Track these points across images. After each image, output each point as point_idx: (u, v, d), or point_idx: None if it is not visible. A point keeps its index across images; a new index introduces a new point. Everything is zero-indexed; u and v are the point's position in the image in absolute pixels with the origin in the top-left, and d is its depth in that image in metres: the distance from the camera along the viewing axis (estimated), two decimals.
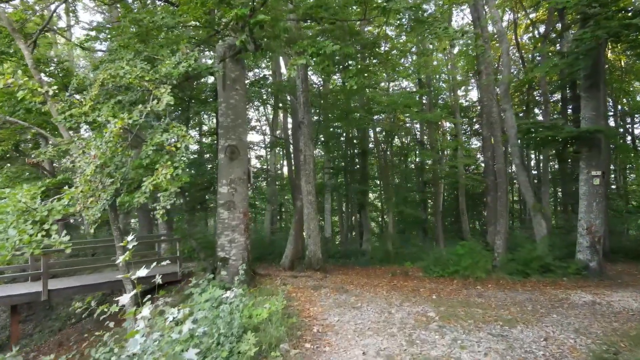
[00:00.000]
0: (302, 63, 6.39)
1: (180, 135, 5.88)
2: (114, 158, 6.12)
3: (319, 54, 6.43)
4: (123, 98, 6.52)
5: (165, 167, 5.79)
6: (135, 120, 5.85)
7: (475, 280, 10.82)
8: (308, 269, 12.42)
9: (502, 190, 14.13)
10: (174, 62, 6.60)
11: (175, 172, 5.71)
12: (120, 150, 6.00)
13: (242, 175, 9.77)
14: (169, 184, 5.73)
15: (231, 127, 9.62)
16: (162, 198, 5.75)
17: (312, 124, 12.75)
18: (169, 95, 6.17)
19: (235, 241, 9.71)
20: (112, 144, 5.73)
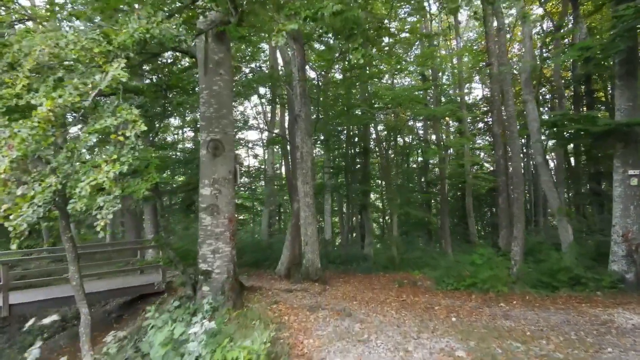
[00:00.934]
0: (292, 28, 4.87)
1: (130, 121, 4.34)
2: (44, 150, 4.56)
3: (315, 18, 4.92)
4: (64, 75, 4.97)
5: (110, 162, 4.25)
6: (71, 100, 4.32)
7: (496, 295, 9.28)
8: (305, 279, 10.88)
9: (519, 191, 12.58)
10: (131, 29, 5.06)
11: (120, 170, 4.17)
12: (51, 141, 4.45)
13: (227, 174, 8.24)
14: (112, 185, 4.19)
15: (214, 118, 8.08)
16: (105, 204, 4.21)
17: (310, 118, 11.21)
18: (122, 70, 4.64)
19: (219, 251, 8.18)
20: (38, 131, 4.19)
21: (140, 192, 6.39)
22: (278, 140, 18.98)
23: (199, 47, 8.05)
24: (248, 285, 10.83)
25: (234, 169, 8.37)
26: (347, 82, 11.48)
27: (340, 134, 20.85)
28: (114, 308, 12.23)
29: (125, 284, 11.25)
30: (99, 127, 4.26)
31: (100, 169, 4.16)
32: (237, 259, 17.71)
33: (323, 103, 19.02)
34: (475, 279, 9.72)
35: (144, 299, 11.26)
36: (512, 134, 12.64)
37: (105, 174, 4.08)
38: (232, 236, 8.34)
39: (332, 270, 16.54)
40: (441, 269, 11.28)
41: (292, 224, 13.67)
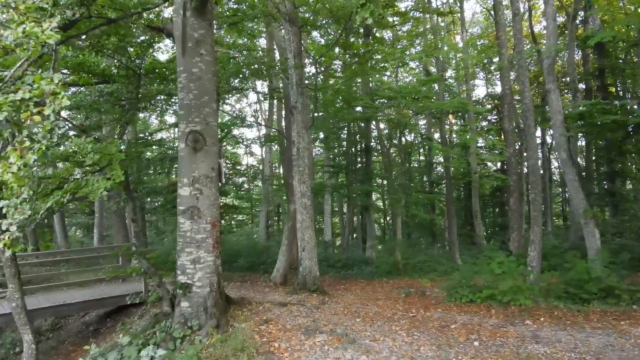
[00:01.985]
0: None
1: (47, 93, 3.08)
2: None
3: None
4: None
5: (21, 150, 2.98)
6: None
7: (519, 309, 8.01)
8: (302, 289, 9.62)
9: (536, 191, 11.32)
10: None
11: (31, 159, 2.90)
12: None
13: (209, 172, 6.98)
14: (19, 182, 2.93)
15: (194, 106, 6.82)
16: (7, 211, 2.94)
17: (307, 109, 9.96)
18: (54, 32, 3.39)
19: (200, 261, 6.92)
20: None
21: (97, 192, 5.14)
22: (275, 137, 17.73)
23: (176, 23, 6.80)
24: (238, 296, 9.57)
25: (217, 166, 7.11)
26: (349, 71, 10.26)
27: (340, 131, 19.61)
28: (93, 319, 10.97)
29: (103, 294, 9.99)
30: (6, 101, 2.99)
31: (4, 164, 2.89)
32: (231, 263, 16.54)
33: (323, 100, 17.79)
34: (493, 290, 8.44)
35: (127, 309, 10.02)
36: (528, 128, 11.37)
37: (7, 167, 2.82)
38: (216, 243, 7.09)
39: (332, 275, 15.28)
40: (450, 275, 10.01)
41: (288, 226, 12.43)
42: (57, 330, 11.52)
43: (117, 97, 7.27)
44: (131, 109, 7.05)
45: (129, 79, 7.22)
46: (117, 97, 7.29)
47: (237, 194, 28.67)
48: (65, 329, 11.42)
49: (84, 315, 11.38)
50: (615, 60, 17.83)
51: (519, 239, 15.16)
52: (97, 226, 17.18)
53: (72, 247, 17.55)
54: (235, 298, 8.78)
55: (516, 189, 15.21)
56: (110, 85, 7.23)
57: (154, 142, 15.31)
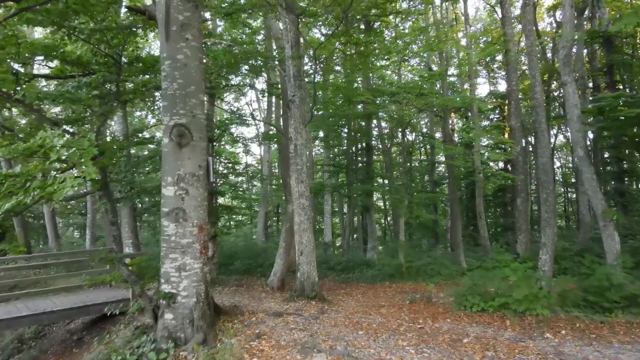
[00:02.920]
0: None
1: None
2: None
3: None
4: None
5: None
6: None
7: (535, 319, 7.26)
8: (300, 296, 8.87)
9: (548, 191, 10.57)
10: None
11: None
12: None
13: (196, 169, 6.23)
14: None
15: (179, 96, 6.08)
16: None
17: (305, 103, 9.21)
18: None
19: (186, 268, 6.17)
20: None
21: (61, 192, 4.41)
22: (273, 136, 16.99)
23: (159, 4, 6.06)
24: (231, 303, 8.83)
25: (205, 163, 6.37)
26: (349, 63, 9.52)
27: (340, 129, 18.87)
28: (78, 327, 10.22)
29: (88, 301, 9.25)
30: None
31: None
32: (228, 265, 15.78)
33: (323, 98, 17.06)
34: (506, 299, 7.69)
35: (114, 316, 9.26)
36: (539, 124, 10.62)
37: None
38: (204, 249, 6.34)
39: (331, 279, 14.54)
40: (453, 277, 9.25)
41: (286, 228, 11.67)
42: (41, 338, 10.78)
43: (94, 87, 6.53)
44: (112, 101, 6.32)
45: (109, 68, 6.48)
46: (95, 87, 6.54)
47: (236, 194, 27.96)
48: (49, 337, 10.68)
49: (69, 322, 10.64)
50: (622, 55, 17.11)
51: (526, 241, 14.41)
52: (89, 227, 16.46)
53: (63, 248, 16.79)
54: (227, 306, 8.04)
55: (523, 188, 14.49)
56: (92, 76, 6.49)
57: (147, 140, 14.54)
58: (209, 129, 14.17)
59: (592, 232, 15.07)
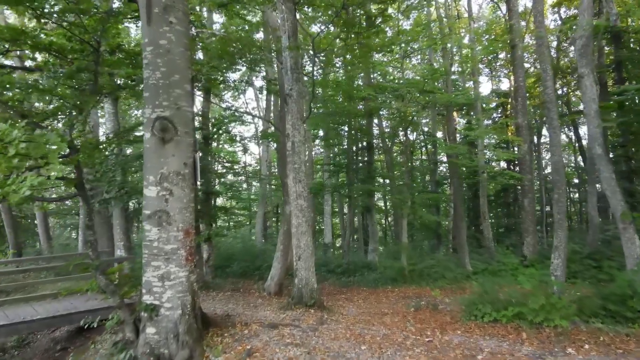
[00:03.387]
0: None
1: None
2: None
3: None
4: None
5: None
6: None
7: (554, 332, 6.59)
8: (298, 304, 8.20)
9: (560, 191, 9.91)
10: None
11: None
12: None
13: (181, 168, 5.57)
14: None
15: (162, 86, 5.42)
16: None
17: (303, 97, 8.55)
18: None
19: (170, 277, 5.51)
20: None
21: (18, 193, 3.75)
22: (272, 134, 16.30)
23: None
24: (223, 312, 8.17)
25: (191, 161, 5.70)
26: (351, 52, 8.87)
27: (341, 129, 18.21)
28: (64, 336, 9.54)
29: (72, 308, 8.56)
30: None
31: None
32: (224, 268, 15.13)
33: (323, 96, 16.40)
34: (521, 308, 7.02)
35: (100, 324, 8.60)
36: (551, 121, 9.95)
37: None
38: (190, 255, 5.68)
39: (331, 282, 13.89)
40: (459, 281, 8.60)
41: (284, 230, 11.02)
42: (24, 347, 10.09)
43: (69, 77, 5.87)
44: (88, 93, 5.65)
45: (87, 57, 5.82)
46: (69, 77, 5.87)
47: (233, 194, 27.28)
48: (33, 345, 9.99)
49: (54, 330, 9.99)
50: (631, 51, 16.46)
51: (533, 243, 13.76)
52: (81, 228, 15.78)
53: (55, 250, 16.13)
54: (218, 316, 7.38)
55: (530, 189, 13.83)
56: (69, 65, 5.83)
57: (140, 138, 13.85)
58: (204, 127, 13.52)
59: (602, 234, 14.40)
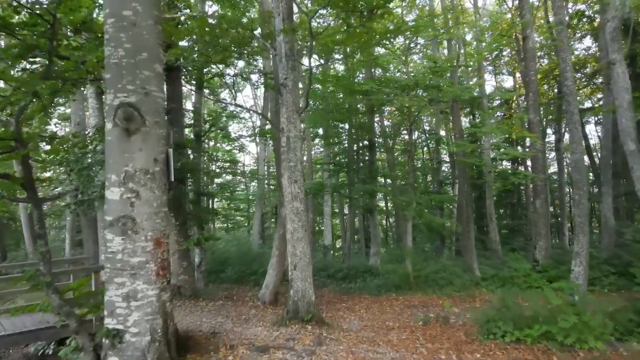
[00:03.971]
0: None
1: None
2: None
3: None
4: None
5: None
6: None
7: (589, 355, 5.60)
8: (293, 319, 7.21)
9: (582, 192, 8.95)
10: None
11: None
12: None
13: (150, 164, 4.59)
14: None
15: (127, 66, 4.43)
16: None
17: (298, 87, 7.57)
18: None
19: (137, 296, 4.53)
20: None
21: None
22: (268, 131, 15.32)
23: None
24: (210, 327, 7.18)
25: (164, 157, 4.72)
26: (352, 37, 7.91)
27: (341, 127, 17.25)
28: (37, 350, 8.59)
29: (43, 323, 7.60)
30: None
31: None
32: (218, 273, 14.12)
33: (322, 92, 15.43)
34: (549, 327, 6.03)
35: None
36: (571, 115, 8.99)
37: None
38: (162, 270, 4.70)
39: (331, 289, 12.89)
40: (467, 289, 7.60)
41: (279, 235, 10.04)
42: None
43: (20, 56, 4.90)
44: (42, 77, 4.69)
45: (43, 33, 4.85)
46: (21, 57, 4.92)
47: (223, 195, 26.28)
48: None
49: (26, 345, 9.01)
50: None
51: (546, 247, 12.76)
52: (68, 230, 14.81)
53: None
54: (202, 335, 6.39)
55: (543, 189, 12.84)
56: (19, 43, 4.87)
57: None
58: (197, 123, 12.55)
59: (618, 237, 13.38)
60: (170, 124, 9.88)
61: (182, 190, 9.40)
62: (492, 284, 12.19)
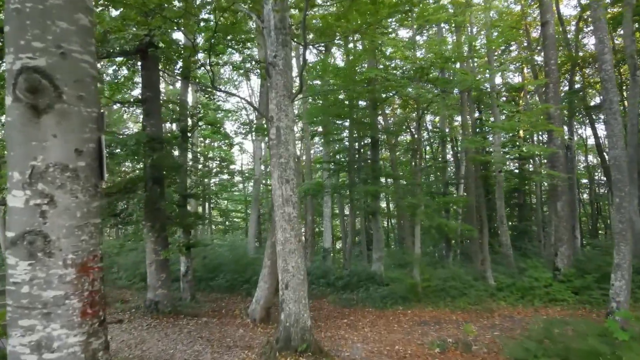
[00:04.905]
0: None
1: None
2: None
3: None
4: None
5: None
6: None
7: None
8: (284, 350, 5.78)
9: (623, 194, 7.54)
10: None
11: None
12: None
13: (70, 158, 3.11)
14: None
15: (31, 15, 2.96)
16: None
17: (290, 67, 6.12)
18: None
19: (52, 346, 3.07)
20: None
21: None
22: (265, 128, 13.87)
23: None
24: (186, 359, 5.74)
25: (93, 147, 3.26)
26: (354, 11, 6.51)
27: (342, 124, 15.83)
28: None
29: None
30: None
31: None
32: (208, 281, 12.69)
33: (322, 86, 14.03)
34: None
35: None
36: (610, 104, 7.57)
37: None
38: (92, 307, 3.24)
39: (331, 300, 11.48)
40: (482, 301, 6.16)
41: (271, 242, 8.62)
42: None
43: None
44: None
45: None
46: None
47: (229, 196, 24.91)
48: None
49: None
50: None
51: (568, 254, 11.32)
52: None
53: None
54: None
55: (565, 190, 11.40)
56: None
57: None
58: (183, 118, 11.10)
59: None
60: (146, 116, 8.47)
61: (157, 191, 7.97)
62: (510, 296, 10.78)
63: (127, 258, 14.87)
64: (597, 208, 25.97)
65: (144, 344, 6.60)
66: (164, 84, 17.19)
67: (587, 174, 25.84)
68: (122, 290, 12.40)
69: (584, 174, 25.74)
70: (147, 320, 8.06)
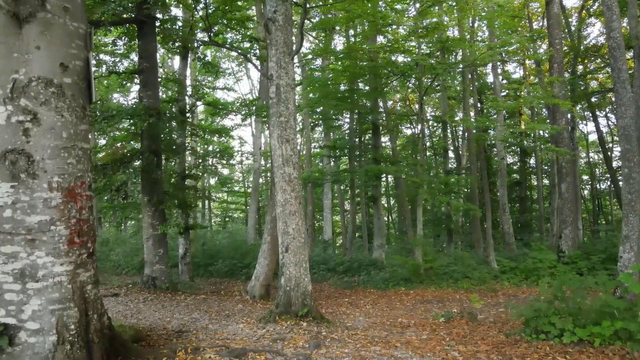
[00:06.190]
0: None
1: None
2: None
3: None
4: None
5: None
6: None
7: None
8: (284, 314, 5.56)
9: (632, 165, 7.34)
10: None
11: None
12: None
13: (55, 72, 2.94)
14: None
15: None
16: None
17: (290, 23, 5.92)
18: None
19: (36, 275, 2.89)
20: None
21: None
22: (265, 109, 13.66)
23: None
24: (179, 324, 5.52)
25: (80, 65, 3.08)
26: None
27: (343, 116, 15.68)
28: None
29: None
30: None
31: None
32: (207, 266, 12.43)
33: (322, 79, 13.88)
34: (626, 323, 4.35)
35: None
36: (619, 72, 7.39)
37: None
38: (79, 236, 3.05)
39: (332, 283, 11.25)
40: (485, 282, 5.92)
41: (271, 217, 8.42)
42: None
43: None
44: None
45: None
46: None
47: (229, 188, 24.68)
48: None
49: None
50: None
51: (573, 236, 11.10)
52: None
53: None
54: (162, 335, 4.73)
55: (570, 170, 11.20)
56: None
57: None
58: (181, 97, 10.92)
59: None
60: (142, 87, 8.28)
61: (154, 161, 7.76)
62: (513, 277, 10.55)
63: (126, 246, 14.69)
64: (598, 204, 25.78)
65: (140, 314, 6.38)
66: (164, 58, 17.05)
67: (588, 171, 25.57)
68: (122, 277, 12.16)
69: (586, 171, 25.48)
70: (144, 294, 7.84)
